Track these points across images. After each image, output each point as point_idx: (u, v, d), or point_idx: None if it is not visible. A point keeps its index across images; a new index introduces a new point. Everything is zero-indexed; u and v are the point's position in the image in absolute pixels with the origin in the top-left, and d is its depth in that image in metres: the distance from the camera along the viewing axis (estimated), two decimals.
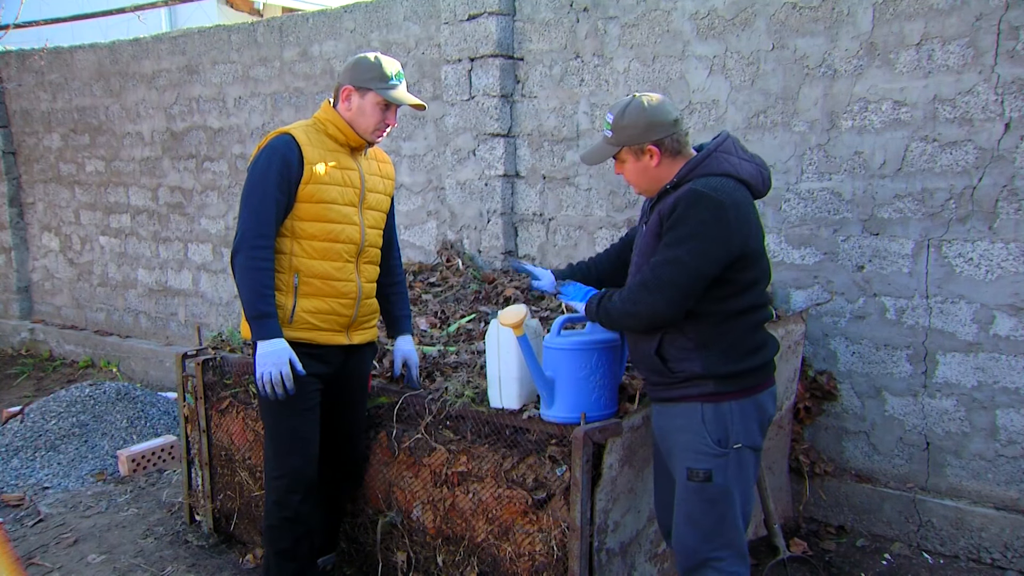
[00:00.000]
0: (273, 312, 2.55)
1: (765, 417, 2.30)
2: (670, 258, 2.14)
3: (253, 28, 5.67)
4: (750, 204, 2.24)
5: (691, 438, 2.24)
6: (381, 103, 2.65)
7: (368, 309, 2.83)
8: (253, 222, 2.54)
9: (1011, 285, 3.15)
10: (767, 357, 2.30)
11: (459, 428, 2.77)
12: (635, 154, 2.29)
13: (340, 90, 2.67)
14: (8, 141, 7.41)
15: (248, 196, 2.57)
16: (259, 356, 2.53)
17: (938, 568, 3.26)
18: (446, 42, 4.52)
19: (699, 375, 2.22)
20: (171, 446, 4.55)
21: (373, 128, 2.68)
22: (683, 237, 2.13)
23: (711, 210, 2.12)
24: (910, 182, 3.31)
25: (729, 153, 2.26)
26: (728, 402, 2.22)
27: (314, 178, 2.60)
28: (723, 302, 2.20)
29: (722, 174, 2.22)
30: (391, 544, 2.95)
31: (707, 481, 2.21)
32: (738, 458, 2.23)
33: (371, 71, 2.63)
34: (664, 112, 2.26)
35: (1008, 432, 3.22)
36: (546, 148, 4.34)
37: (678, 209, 2.15)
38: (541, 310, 3.62)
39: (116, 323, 6.97)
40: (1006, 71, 3.08)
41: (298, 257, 2.63)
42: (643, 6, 3.92)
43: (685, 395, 2.25)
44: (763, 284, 2.30)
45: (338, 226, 2.66)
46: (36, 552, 3.56)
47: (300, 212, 2.61)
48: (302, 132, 2.64)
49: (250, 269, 2.52)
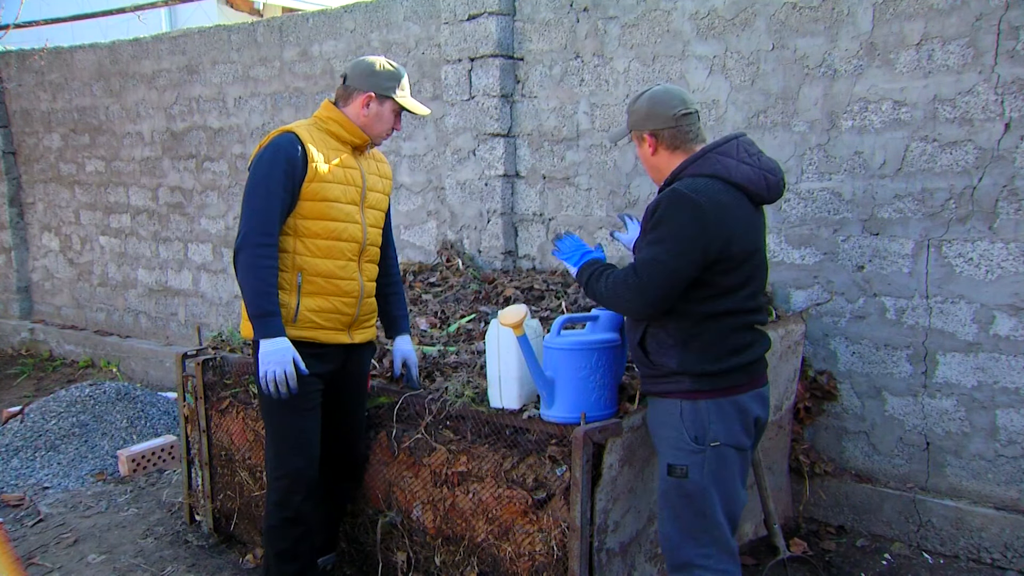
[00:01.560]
0: (277, 311, 2.54)
1: (749, 418, 2.30)
2: (648, 258, 2.19)
3: (253, 28, 5.67)
4: (737, 207, 2.22)
5: (671, 433, 2.29)
6: (396, 110, 2.70)
7: (368, 308, 2.84)
8: (257, 220, 2.53)
9: (1011, 285, 3.15)
10: (748, 360, 2.28)
11: (459, 428, 2.78)
12: (638, 140, 2.39)
13: (353, 94, 2.67)
14: (8, 141, 7.41)
15: (251, 194, 2.55)
16: (262, 355, 2.53)
17: (938, 568, 3.26)
18: (446, 42, 4.52)
19: (676, 371, 2.25)
20: (171, 446, 4.55)
21: (385, 132, 2.74)
22: (662, 237, 2.17)
23: (688, 211, 2.15)
24: (910, 182, 3.31)
25: (727, 155, 2.25)
26: (705, 400, 2.24)
27: (318, 176, 2.60)
28: (701, 303, 2.22)
29: (711, 175, 2.22)
30: (391, 544, 2.95)
31: (684, 477, 2.25)
32: (717, 456, 2.24)
33: (391, 79, 2.67)
34: (666, 105, 2.31)
35: (1008, 432, 3.22)
36: (546, 148, 4.34)
37: (659, 209, 2.20)
38: (541, 310, 3.62)
39: (116, 323, 6.98)
40: (1006, 71, 3.08)
41: (301, 255, 2.63)
42: (643, 6, 3.92)
43: (666, 390, 2.29)
44: (750, 288, 2.28)
45: (341, 224, 2.67)
46: (36, 552, 3.56)
47: (303, 210, 2.61)
48: (305, 130, 2.64)
49: (253, 267, 2.52)
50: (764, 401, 2.38)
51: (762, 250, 2.33)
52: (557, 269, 4.31)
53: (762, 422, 2.39)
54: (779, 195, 2.34)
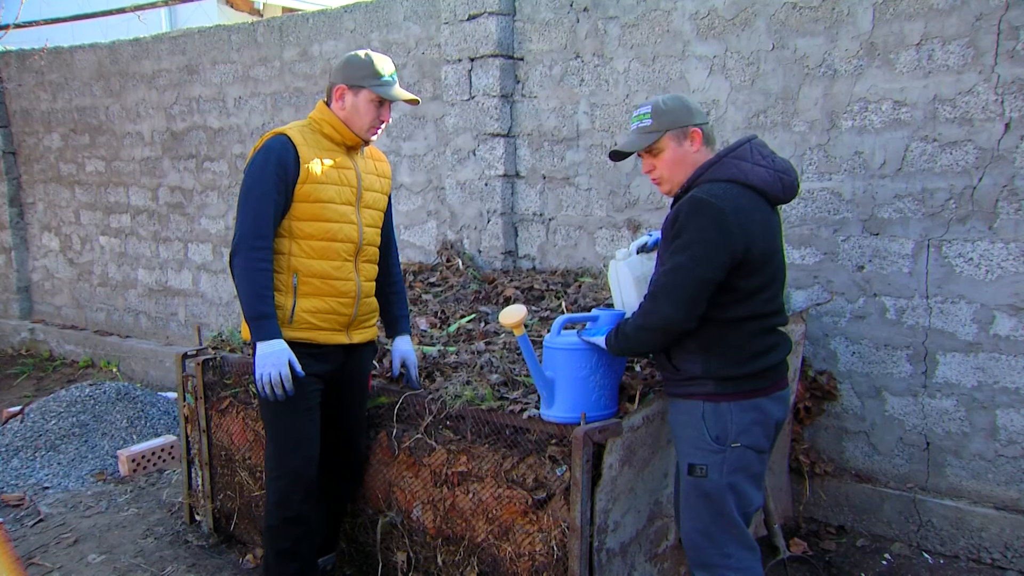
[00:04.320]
0: (272, 313, 2.55)
1: (770, 421, 2.31)
2: (674, 265, 2.18)
3: (253, 28, 5.67)
4: (756, 210, 2.23)
5: (692, 434, 2.31)
6: (375, 100, 2.65)
7: (367, 308, 2.83)
8: (251, 223, 2.54)
9: (1011, 285, 3.15)
10: (770, 363, 2.29)
11: (459, 428, 2.77)
12: (677, 139, 2.32)
13: (333, 89, 2.67)
14: (8, 141, 7.41)
15: (245, 197, 2.57)
16: (258, 357, 2.54)
17: (938, 568, 3.26)
18: (446, 42, 4.52)
19: (699, 376, 2.27)
20: (171, 446, 4.55)
21: (368, 126, 2.68)
22: (686, 244, 2.16)
23: (711, 216, 2.15)
24: (910, 182, 3.31)
25: (742, 159, 2.26)
26: (727, 403, 2.26)
27: (311, 178, 2.60)
28: (725, 309, 2.22)
29: (728, 180, 2.23)
30: (391, 544, 2.95)
31: (703, 477, 2.27)
32: (736, 457, 2.26)
33: (364, 69, 2.63)
34: (695, 104, 2.38)
35: (1008, 432, 3.22)
36: (546, 148, 4.34)
37: (680, 218, 2.19)
38: (541, 310, 3.62)
39: (116, 323, 6.97)
40: (1006, 71, 3.08)
41: (296, 257, 2.64)
42: (643, 6, 3.92)
43: (688, 392, 2.32)
44: (771, 291, 2.29)
45: (336, 225, 2.66)
46: (36, 552, 3.56)
47: (297, 212, 2.61)
48: (297, 132, 2.64)
49: (249, 270, 2.53)
50: (784, 403, 2.39)
51: (780, 251, 2.33)
52: (557, 269, 4.31)
53: (781, 424, 2.40)
54: (794, 195, 2.35)
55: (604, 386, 2.44)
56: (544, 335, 2.71)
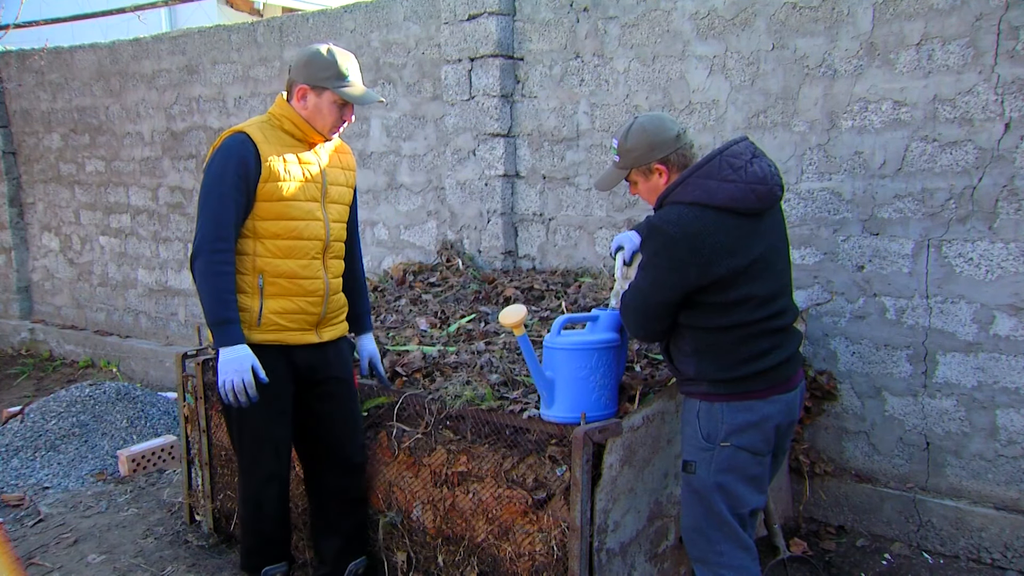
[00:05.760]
0: (235, 318, 2.50)
1: (767, 423, 2.29)
2: (634, 286, 2.32)
3: (253, 28, 5.67)
4: (719, 231, 2.18)
5: (689, 431, 2.37)
6: (338, 102, 2.59)
7: (336, 305, 2.79)
8: (211, 226, 2.47)
9: (1011, 285, 3.15)
10: (764, 367, 2.27)
11: (459, 428, 2.77)
12: (644, 174, 2.38)
13: (293, 87, 2.59)
14: (8, 141, 7.41)
15: (205, 199, 2.50)
16: (221, 363, 2.48)
17: (938, 568, 3.26)
18: (446, 42, 4.52)
19: (693, 377, 2.33)
20: (171, 446, 4.55)
21: (331, 126, 2.62)
22: (643, 266, 2.29)
23: (661, 242, 2.21)
24: (910, 182, 3.31)
25: (708, 177, 2.21)
26: (720, 403, 2.29)
27: (272, 176, 2.53)
28: (708, 319, 2.26)
29: (690, 203, 2.21)
30: (391, 544, 2.95)
31: (692, 473, 2.33)
32: (726, 457, 2.28)
33: (327, 69, 2.55)
34: (664, 129, 2.33)
35: (1008, 432, 3.22)
36: (546, 148, 4.34)
37: (643, 239, 2.30)
38: (541, 310, 3.62)
39: (116, 323, 6.98)
40: (1006, 71, 3.08)
41: (262, 257, 2.58)
42: (643, 6, 3.92)
43: (688, 391, 2.38)
44: (758, 300, 2.24)
45: (301, 223, 2.60)
46: (36, 552, 3.56)
47: (260, 211, 2.55)
48: (257, 129, 2.56)
49: (210, 275, 2.47)
50: (788, 405, 2.35)
51: (767, 256, 2.25)
52: (557, 269, 4.32)
53: (784, 427, 2.37)
54: (774, 201, 2.28)
55: (604, 386, 2.44)
56: (544, 335, 2.72)
